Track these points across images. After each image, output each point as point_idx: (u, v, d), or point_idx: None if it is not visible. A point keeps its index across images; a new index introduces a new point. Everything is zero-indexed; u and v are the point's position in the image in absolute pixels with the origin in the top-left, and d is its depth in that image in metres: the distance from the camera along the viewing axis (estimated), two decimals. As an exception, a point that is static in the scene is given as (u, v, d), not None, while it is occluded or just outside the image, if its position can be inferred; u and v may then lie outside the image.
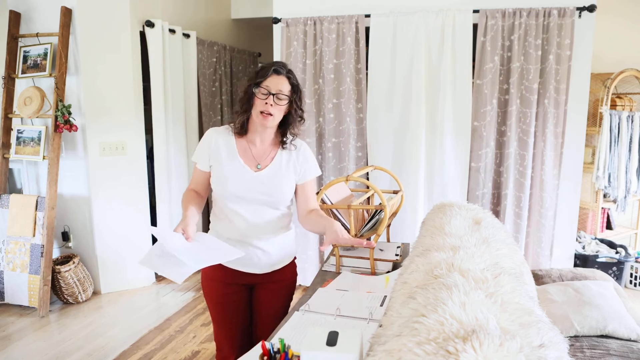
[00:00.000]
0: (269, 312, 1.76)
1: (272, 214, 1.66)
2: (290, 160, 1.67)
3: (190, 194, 1.69)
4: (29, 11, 3.45)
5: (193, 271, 1.42)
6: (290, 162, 1.67)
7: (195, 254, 1.47)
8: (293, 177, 1.68)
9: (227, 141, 1.64)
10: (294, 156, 1.68)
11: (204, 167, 1.66)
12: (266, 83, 1.55)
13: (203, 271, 1.70)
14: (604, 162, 3.67)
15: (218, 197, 1.67)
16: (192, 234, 1.51)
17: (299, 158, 1.69)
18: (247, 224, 1.64)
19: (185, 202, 1.64)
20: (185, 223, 1.52)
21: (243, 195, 1.61)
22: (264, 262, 1.69)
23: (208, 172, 1.67)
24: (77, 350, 2.80)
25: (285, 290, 1.79)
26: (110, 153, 3.56)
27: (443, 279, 1.07)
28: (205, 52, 4.35)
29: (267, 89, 1.54)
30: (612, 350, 1.80)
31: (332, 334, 1.05)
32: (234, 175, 1.61)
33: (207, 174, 1.68)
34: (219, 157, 1.63)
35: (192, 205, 1.62)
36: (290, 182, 1.67)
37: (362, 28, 3.35)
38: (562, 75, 3.09)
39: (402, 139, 3.41)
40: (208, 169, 1.66)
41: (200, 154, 1.66)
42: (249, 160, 1.63)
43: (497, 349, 0.75)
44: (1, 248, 3.40)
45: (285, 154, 1.67)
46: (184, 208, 1.62)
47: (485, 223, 1.65)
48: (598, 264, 3.50)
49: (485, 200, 3.35)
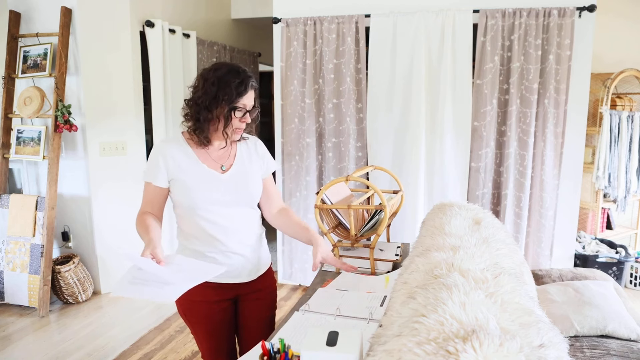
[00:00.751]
0: (255, 324, 1.71)
1: (247, 214, 1.63)
2: (251, 153, 1.65)
3: (144, 216, 1.51)
4: (29, 11, 3.45)
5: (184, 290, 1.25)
6: (252, 155, 1.65)
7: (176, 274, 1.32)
8: (259, 170, 1.66)
9: (183, 151, 1.54)
10: (253, 149, 1.67)
11: (161, 183, 1.53)
12: (242, 102, 1.49)
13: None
14: (604, 162, 3.67)
15: (186, 211, 1.55)
16: (162, 257, 1.34)
17: (258, 151, 1.68)
18: (224, 230, 1.56)
19: (144, 226, 1.46)
20: (152, 246, 1.35)
21: (215, 200, 1.54)
22: (245, 268, 1.63)
23: (166, 189, 1.55)
24: (77, 350, 2.80)
25: (269, 298, 1.75)
26: (110, 153, 3.56)
27: (443, 279, 1.07)
28: (205, 52, 4.35)
29: (244, 107, 1.51)
30: (612, 350, 1.80)
31: (332, 334, 1.05)
32: (202, 182, 1.52)
33: (164, 191, 1.55)
34: (180, 168, 1.52)
35: (153, 228, 1.45)
36: (257, 175, 1.65)
37: (362, 28, 3.35)
38: (562, 75, 3.09)
39: (402, 139, 3.41)
40: (166, 184, 1.54)
41: (153, 171, 1.52)
42: (211, 163, 1.56)
43: (497, 349, 0.75)
44: (1, 248, 3.40)
45: (244, 149, 1.64)
46: (143, 232, 1.45)
47: (485, 223, 1.65)
48: (598, 264, 3.50)
49: (485, 200, 3.35)
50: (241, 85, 1.48)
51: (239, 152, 1.63)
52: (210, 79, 1.48)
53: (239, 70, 1.51)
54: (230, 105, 1.48)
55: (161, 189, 1.55)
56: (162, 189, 1.55)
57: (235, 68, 1.51)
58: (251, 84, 1.51)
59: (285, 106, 3.54)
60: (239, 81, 1.48)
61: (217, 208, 1.55)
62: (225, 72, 1.49)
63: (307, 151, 3.53)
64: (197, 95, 1.51)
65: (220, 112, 1.49)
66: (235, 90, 1.47)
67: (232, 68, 1.51)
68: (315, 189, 3.57)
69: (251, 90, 1.52)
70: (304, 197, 3.58)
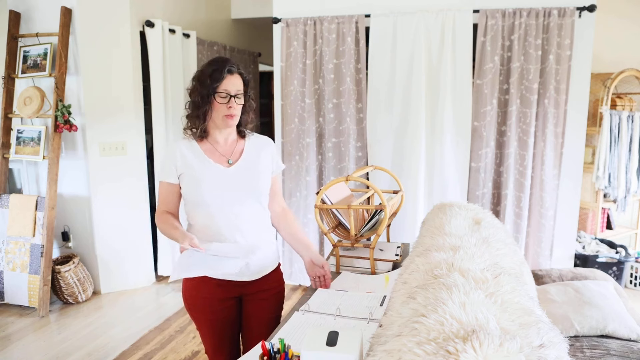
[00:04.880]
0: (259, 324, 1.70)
1: (256, 212, 1.64)
2: (259, 150, 1.68)
3: (165, 216, 1.60)
4: (29, 11, 3.45)
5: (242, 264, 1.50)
6: (260, 152, 1.68)
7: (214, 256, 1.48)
8: (267, 167, 1.68)
9: (190, 147, 1.60)
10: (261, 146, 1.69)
11: (172, 179, 1.59)
12: (223, 87, 1.52)
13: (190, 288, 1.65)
14: (604, 162, 3.67)
15: (194, 206, 1.59)
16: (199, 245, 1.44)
17: (267, 149, 1.70)
18: (232, 227, 1.58)
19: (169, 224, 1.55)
20: (189, 237, 1.43)
21: (222, 194, 1.56)
22: (250, 266, 1.63)
23: (177, 185, 1.61)
24: (77, 350, 2.80)
25: (274, 299, 1.74)
26: (110, 153, 3.56)
27: (443, 279, 1.07)
28: (205, 52, 4.35)
29: (226, 92, 1.53)
30: (612, 350, 1.80)
31: (332, 334, 1.05)
32: (208, 176, 1.56)
33: (176, 188, 1.61)
34: (187, 163, 1.57)
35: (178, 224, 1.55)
36: (265, 171, 1.66)
37: (362, 28, 3.35)
38: (562, 75, 3.09)
39: (402, 138, 3.41)
40: (176, 180, 1.60)
41: (165, 169, 1.60)
42: (218, 158, 1.60)
43: (497, 349, 0.75)
44: (1, 248, 3.40)
45: (252, 145, 1.67)
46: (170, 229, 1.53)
47: (485, 223, 1.65)
48: (598, 264, 3.50)
49: (485, 200, 3.35)
50: (216, 71, 1.53)
51: (247, 147, 1.66)
52: (195, 76, 1.58)
53: (217, 60, 1.56)
54: (208, 91, 1.52)
55: (173, 185, 1.61)
56: (174, 185, 1.61)
57: (214, 59, 1.58)
58: (228, 68, 1.53)
59: (285, 106, 3.54)
60: (214, 68, 1.53)
61: (225, 203, 1.57)
62: (205, 65, 1.58)
63: (307, 151, 3.53)
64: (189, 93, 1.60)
65: (206, 102, 1.54)
66: (209, 77, 1.52)
67: (211, 60, 1.58)
68: (315, 189, 3.57)
69: (230, 75, 1.54)
70: (304, 197, 3.58)
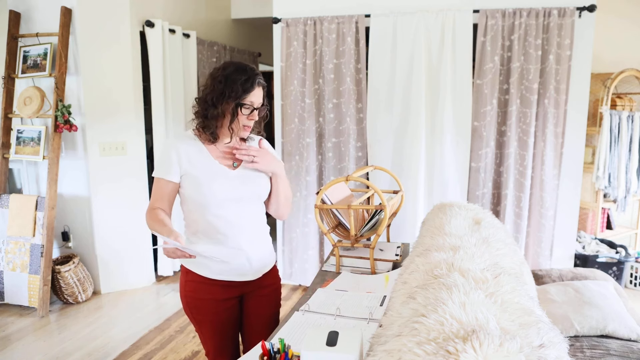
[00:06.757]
0: (259, 321, 1.72)
1: (254, 211, 1.65)
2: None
3: (157, 211, 1.52)
4: (29, 11, 3.45)
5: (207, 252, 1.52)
6: None
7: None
8: None
9: (196, 147, 1.57)
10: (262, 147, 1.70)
11: (173, 178, 1.54)
12: (250, 98, 1.52)
13: (189, 289, 1.63)
14: (604, 162, 3.67)
15: (196, 206, 1.57)
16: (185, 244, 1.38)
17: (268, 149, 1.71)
18: (232, 226, 1.58)
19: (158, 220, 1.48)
20: (174, 235, 1.37)
21: (226, 196, 1.55)
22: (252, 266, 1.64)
23: (177, 184, 1.56)
24: (77, 350, 2.80)
25: (273, 295, 1.76)
26: (110, 153, 3.56)
27: (443, 279, 1.07)
28: (205, 52, 4.35)
29: (251, 105, 1.53)
30: (612, 350, 1.80)
31: (332, 334, 1.05)
32: (213, 178, 1.55)
33: (175, 186, 1.56)
34: (191, 164, 1.54)
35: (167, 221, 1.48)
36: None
37: (362, 28, 3.35)
38: (562, 75, 3.09)
39: (402, 139, 3.41)
40: (178, 179, 1.55)
41: (165, 166, 1.54)
42: (223, 160, 1.59)
43: (497, 349, 0.75)
44: (1, 248, 3.40)
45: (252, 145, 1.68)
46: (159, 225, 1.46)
47: (485, 223, 1.65)
48: (598, 264, 3.50)
49: (485, 200, 3.35)
50: (247, 82, 1.51)
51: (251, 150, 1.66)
52: (218, 77, 1.53)
53: (246, 68, 1.54)
54: (237, 102, 1.51)
55: (173, 183, 1.56)
56: (174, 183, 1.56)
57: (242, 66, 1.55)
58: (258, 81, 1.54)
59: (285, 106, 3.54)
60: (245, 78, 1.51)
61: (227, 204, 1.57)
62: (232, 70, 1.53)
63: (307, 151, 3.53)
64: (205, 92, 1.55)
65: (227, 108, 1.52)
66: (241, 87, 1.51)
67: (239, 66, 1.54)
68: (315, 189, 3.57)
69: (258, 87, 1.54)
70: (304, 197, 3.58)
